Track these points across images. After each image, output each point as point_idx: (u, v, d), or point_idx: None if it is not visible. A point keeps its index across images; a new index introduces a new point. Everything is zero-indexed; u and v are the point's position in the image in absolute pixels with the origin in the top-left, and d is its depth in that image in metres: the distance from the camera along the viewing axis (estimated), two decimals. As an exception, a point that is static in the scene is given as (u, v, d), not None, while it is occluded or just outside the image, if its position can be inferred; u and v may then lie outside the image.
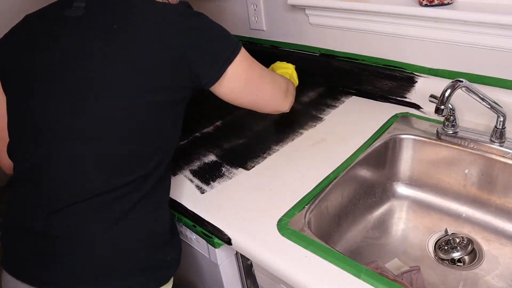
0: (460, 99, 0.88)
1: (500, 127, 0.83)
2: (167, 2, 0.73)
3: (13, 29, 0.73)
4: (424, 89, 0.98)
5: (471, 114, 0.93)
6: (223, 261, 0.85)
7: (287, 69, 1.03)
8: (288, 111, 0.88)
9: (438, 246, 0.86)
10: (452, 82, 0.76)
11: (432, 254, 0.85)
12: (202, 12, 0.74)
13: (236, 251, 0.84)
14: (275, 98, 0.83)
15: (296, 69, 1.06)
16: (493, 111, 0.82)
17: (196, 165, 0.93)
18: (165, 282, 0.72)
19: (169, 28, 0.67)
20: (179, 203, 0.83)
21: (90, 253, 0.64)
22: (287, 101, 0.86)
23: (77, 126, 0.64)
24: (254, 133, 1.04)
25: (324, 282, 0.62)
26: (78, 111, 0.64)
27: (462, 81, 0.76)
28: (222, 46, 0.72)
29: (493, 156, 0.84)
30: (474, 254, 0.84)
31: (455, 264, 0.83)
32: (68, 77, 0.65)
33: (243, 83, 0.75)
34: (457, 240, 0.86)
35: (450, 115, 0.88)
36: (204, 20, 0.72)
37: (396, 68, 1.03)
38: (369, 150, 0.90)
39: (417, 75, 0.99)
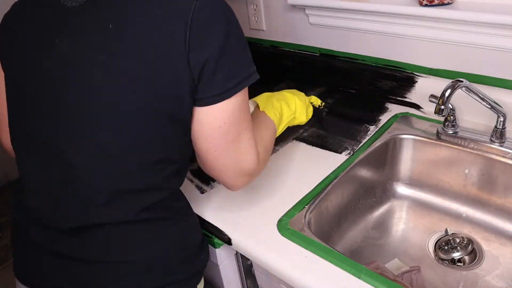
0: (460, 99, 0.88)
1: (500, 127, 0.82)
2: None
3: (11, 14, 0.65)
4: (424, 89, 0.98)
5: (471, 114, 0.93)
6: (223, 261, 0.85)
7: (290, 105, 0.82)
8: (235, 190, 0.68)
9: (438, 246, 0.86)
10: (452, 82, 0.76)
11: (432, 254, 0.85)
12: None
13: (236, 251, 0.84)
14: (231, 169, 0.63)
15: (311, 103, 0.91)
16: (493, 111, 0.82)
17: (196, 165, 0.93)
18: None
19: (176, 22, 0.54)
20: (179, 203, 0.83)
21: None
22: (239, 182, 0.65)
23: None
24: (254, 133, 1.04)
25: (324, 282, 0.62)
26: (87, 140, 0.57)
27: (462, 81, 0.76)
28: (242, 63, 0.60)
29: (493, 156, 0.84)
30: (474, 254, 0.84)
31: (455, 264, 0.83)
32: (62, 95, 0.57)
33: (226, 124, 0.59)
34: (457, 240, 0.86)
35: (450, 115, 0.88)
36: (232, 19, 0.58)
37: (396, 68, 1.02)
38: (369, 150, 0.90)
39: (417, 75, 0.99)
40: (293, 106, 0.81)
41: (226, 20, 0.57)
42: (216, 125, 0.58)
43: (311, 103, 0.90)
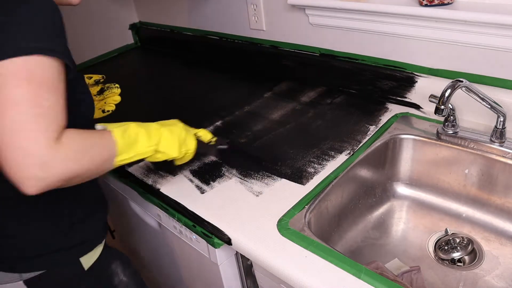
0: (460, 99, 0.88)
1: (500, 127, 0.83)
2: None
3: None
4: (424, 89, 0.98)
5: (471, 114, 0.93)
6: (223, 261, 0.85)
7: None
8: (30, 193, 0.54)
9: (438, 246, 0.86)
10: (452, 82, 0.76)
11: (432, 254, 0.85)
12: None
13: (236, 251, 0.84)
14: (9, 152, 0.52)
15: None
16: (493, 111, 0.82)
17: (196, 165, 0.93)
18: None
19: None
20: (179, 203, 0.83)
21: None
22: (26, 171, 0.52)
23: None
24: (254, 133, 1.04)
25: (324, 282, 0.62)
26: None
27: (462, 81, 0.76)
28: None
29: (493, 156, 0.84)
30: (474, 254, 0.84)
31: (455, 264, 0.83)
32: None
33: None
34: (457, 240, 0.86)
35: (450, 115, 0.88)
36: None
37: (396, 68, 1.03)
38: (369, 150, 0.90)
39: (417, 75, 0.99)
40: (156, 139, 0.71)
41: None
42: None
43: (198, 137, 0.81)
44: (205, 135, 0.82)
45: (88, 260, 0.74)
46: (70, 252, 0.71)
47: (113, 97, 0.94)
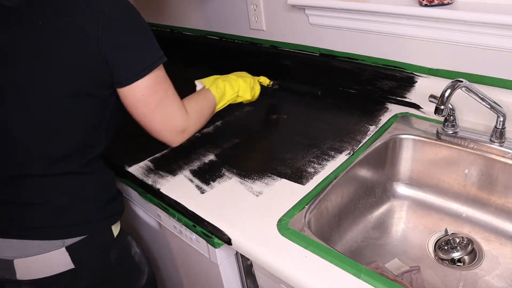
0: (460, 99, 0.88)
1: (500, 127, 0.83)
2: None
3: None
4: (424, 89, 0.98)
5: (471, 114, 0.93)
6: (223, 261, 0.85)
7: (246, 77, 1.01)
8: (177, 144, 0.84)
9: (438, 246, 0.86)
10: (452, 82, 0.76)
11: (432, 254, 0.85)
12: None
13: (236, 251, 0.84)
14: (164, 128, 0.80)
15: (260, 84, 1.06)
16: (493, 111, 0.82)
17: (196, 165, 0.93)
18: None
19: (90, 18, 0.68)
20: (179, 203, 0.83)
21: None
22: (175, 137, 0.82)
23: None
24: (254, 133, 1.04)
25: (324, 282, 0.62)
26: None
27: (462, 81, 0.76)
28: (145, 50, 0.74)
29: (493, 156, 0.84)
30: (474, 254, 0.84)
31: (455, 264, 0.83)
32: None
33: (142, 99, 0.75)
34: (457, 240, 0.86)
35: (450, 115, 0.88)
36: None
37: (396, 68, 1.03)
38: (369, 150, 0.90)
39: (417, 75, 0.99)
40: (236, 87, 0.96)
41: (132, 19, 0.72)
42: (136, 99, 0.75)
43: (260, 82, 1.05)
44: (265, 80, 1.09)
45: (116, 229, 0.86)
46: (105, 221, 0.82)
47: None
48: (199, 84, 0.95)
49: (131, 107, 0.76)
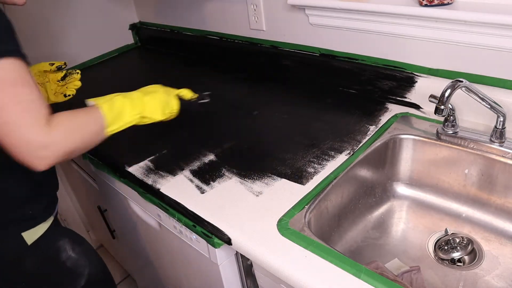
0: (460, 99, 0.88)
1: (500, 127, 0.83)
2: None
3: None
4: (424, 89, 0.98)
5: (471, 114, 0.93)
6: (223, 261, 0.85)
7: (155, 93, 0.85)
8: (41, 169, 0.66)
9: (438, 246, 0.86)
10: (452, 82, 0.76)
11: (432, 254, 0.85)
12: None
13: (236, 251, 0.84)
14: (18, 145, 0.63)
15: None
16: (493, 111, 0.82)
17: (196, 165, 0.93)
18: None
19: None
20: (179, 203, 0.83)
21: None
22: (34, 156, 0.64)
23: None
24: (254, 132, 1.04)
25: (324, 282, 0.62)
26: None
27: (462, 81, 0.76)
28: None
29: (493, 156, 0.84)
30: (474, 254, 0.84)
31: (455, 264, 0.83)
32: None
33: None
34: (457, 240, 0.86)
35: (450, 115, 0.88)
36: None
37: (396, 68, 1.03)
38: (369, 150, 0.90)
39: (417, 75, 0.99)
40: (139, 107, 0.81)
41: None
42: None
43: (180, 97, 0.90)
44: (187, 94, 0.91)
45: (31, 236, 0.80)
46: (10, 228, 0.78)
47: (73, 82, 1.02)
48: (90, 103, 0.79)
49: None
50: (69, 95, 0.99)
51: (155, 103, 0.83)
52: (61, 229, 0.92)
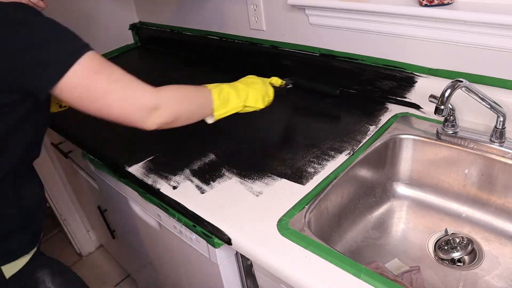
0: (460, 99, 0.88)
1: (500, 127, 0.83)
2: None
3: None
4: (424, 89, 0.98)
5: (471, 114, 0.93)
6: (223, 261, 0.85)
7: (255, 84, 0.90)
8: (152, 128, 0.74)
9: (438, 246, 0.86)
10: (452, 82, 0.76)
11: (432, 254, 0.85)
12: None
13: (236, 251, 0.84)
14: (128, 110, 0.70)
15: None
16: (493, 111, 0.82)
17: (196, 165, 0.93)
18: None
19: None
20: (179, 203, 0.83)
21: None
22: (146, 118, 0.72)
23: None
24: (254, 132, 1.04)
25: (324, 282, 0.62)
26: None
27: (462, 81, 0.76)
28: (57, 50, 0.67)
29: (493, 156, 0.84)
30: (474, 254, 0.84)
31: (455, 264, 0.83)
32: None
33: (84, 92, 0.67)
34: (457, 240, 0.86)
35: (450, 115, 0.88)
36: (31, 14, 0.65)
37: (396, 68, 1.03)
38: (369, 150, 0.90)
39: (417, 75, 0.99)
40: (243, 96, 0.87)
41: (25, 23, 0.65)
42: (75, 93, 0.67)
43: (272, 85, 0.95)
44: (276, 81, 0.98)
45: (11, 269, 0.80)
46: None
47: None
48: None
49: (75, 104, 0.68)
50: (64, 106, 0.97)
51: (257, 94, 0.88)
52: (43, 259, 0.90)
